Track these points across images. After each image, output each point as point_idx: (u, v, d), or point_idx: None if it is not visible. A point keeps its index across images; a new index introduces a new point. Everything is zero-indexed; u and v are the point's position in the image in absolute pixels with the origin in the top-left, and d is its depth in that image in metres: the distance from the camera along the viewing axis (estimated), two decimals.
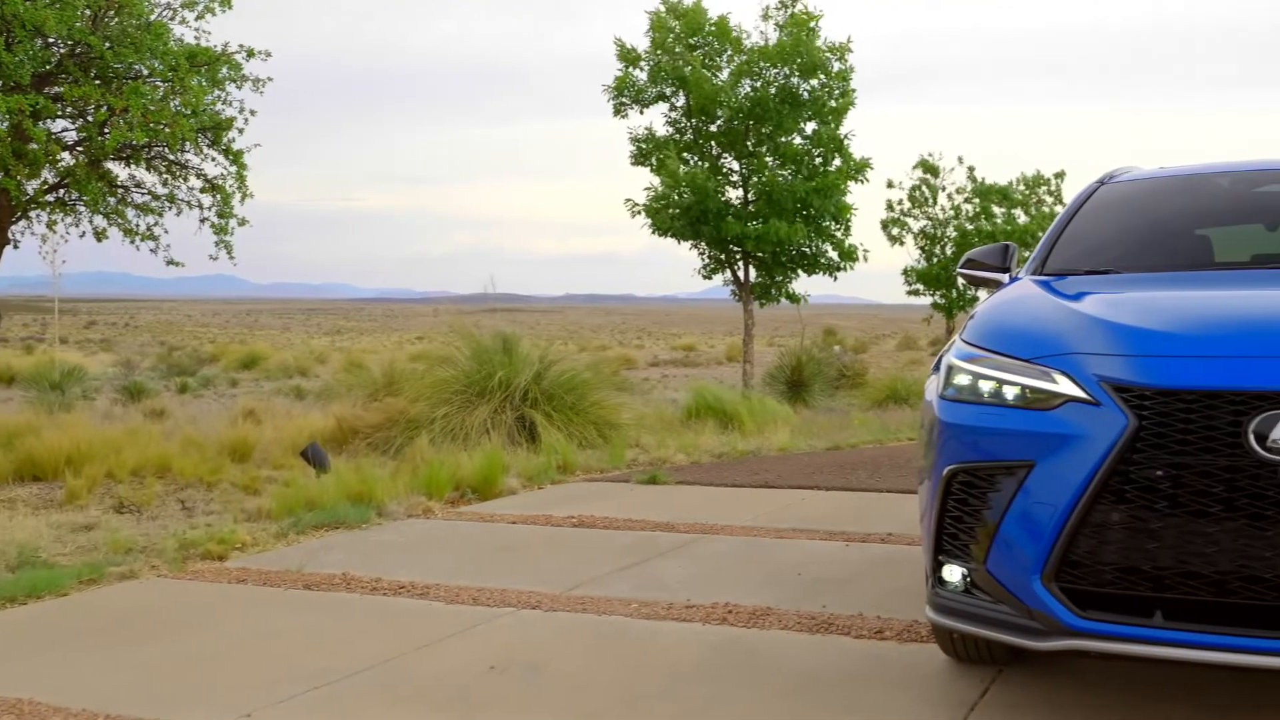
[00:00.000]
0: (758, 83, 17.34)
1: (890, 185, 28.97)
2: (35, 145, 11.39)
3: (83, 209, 13.03)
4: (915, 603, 4.75)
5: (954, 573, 3.55)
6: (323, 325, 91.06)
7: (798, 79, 17.34)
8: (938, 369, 3.87)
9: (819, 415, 14.72)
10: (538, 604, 5.21)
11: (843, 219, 17.65)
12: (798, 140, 17.72)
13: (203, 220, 13.38)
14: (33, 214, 12.98)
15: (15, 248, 13.12)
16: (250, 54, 13.01)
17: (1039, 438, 3.28)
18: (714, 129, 17.88)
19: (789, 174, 17.48)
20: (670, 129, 18.14)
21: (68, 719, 3.82)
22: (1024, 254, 5.10)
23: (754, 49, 17.57)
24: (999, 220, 27.96)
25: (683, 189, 17.13)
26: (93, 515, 7.66)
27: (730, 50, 17.81)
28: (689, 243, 17.94)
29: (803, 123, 17.60)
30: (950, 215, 28.60)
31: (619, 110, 18.04)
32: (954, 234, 28.15)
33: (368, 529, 7.14)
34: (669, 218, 17.41)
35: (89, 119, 12.20)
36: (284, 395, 19.10)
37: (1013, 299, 4.16)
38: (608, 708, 3.87)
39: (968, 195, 28.58)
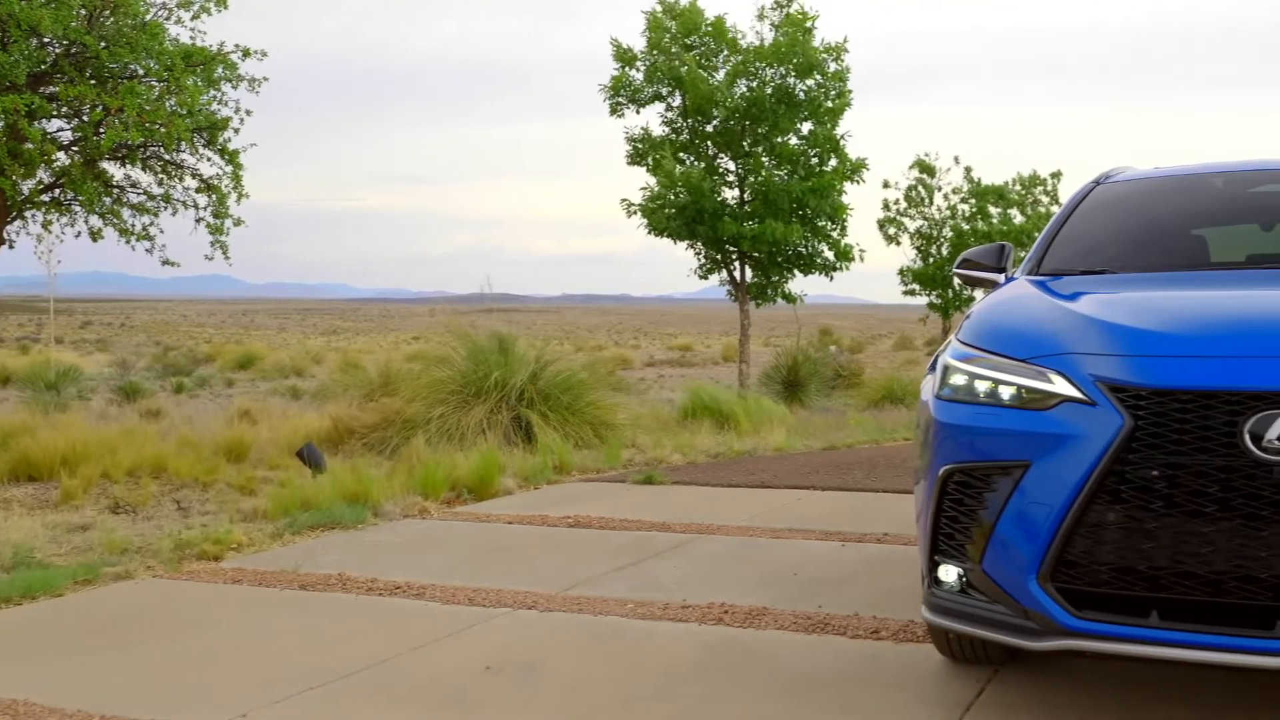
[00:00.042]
0: (754, 83, 17.35)
1: (886, 185, 29.01)
2: (31, 145, 11.38)
3: (78, 209, 13.03)
4: (911, 603, 4.75)
5: (950, 573, 3.55)
6: (319, 325, 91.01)
7: (794, 79, 17.35)
8: (934, 369, 3.86)
9: (815, 415, 14.73)
10: (534, 604, 5.20)
11: (839, 219, 17.66)
12: (794, 140, 17.73)
13: (198, 220, 13.40)
14: (28, 214, 12.97)
15: (11, 248, 13.12)
16: (246, 54, 13.01)
17: (1035, 438, 3.28)
18: (710, 129, 17.89)
19: (785, 174, 17.49)
20: (666, 129, 18.16)
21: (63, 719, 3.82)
22: (1020, 254, 5.10)
23: (750, 49, 17.57)
24: (995, 220, 27.99)
25: (678, 189, 17.14)
26: (88, 515, 7.65)
27: (726, 50, 17.82)
28: (685, 243, 17.95)
29: (799, 123, 17.61)
30: (946, 215, 28.62)
31: (615, 110, 18.05)
32: (950, 234, 28.18)
33: (363, 529, 7.14)
34: (665, 218, 17.41)
35: (84, 119, 12.19)
36: (280, 395, 19.10)
37: (1008, 299, 4.16)
38: (603, 708, 3.87)
39: (964, 195, 28.61)
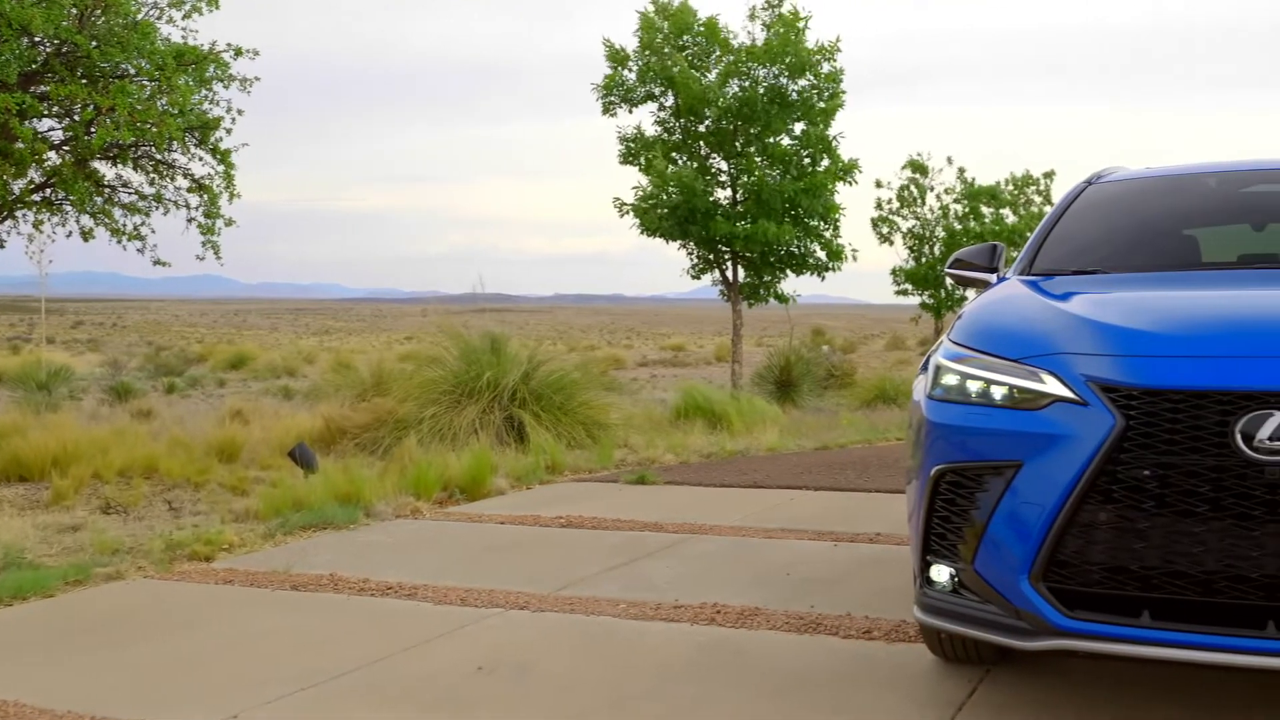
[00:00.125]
0: (746, 83, 17.35)
1: (879, 185, 29.04)
2: (21, 144, 11.34)
3: (69, 208, 12.98)
4: (903, 603, 4.75)
5: (942, 573, 3.55)
6: (311, 325, 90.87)
7: (786, 79, 17.35)
8: (926, 369, 3.87)
9: (807, 415, 14.74)
10: (526, 604, 5.20)
11: (831, 219, 17.67)
12: (786, 141, 17.73)
13: (190, 220, 13.34)
14: (19, 214, 12.92)
15: (2, 247, 13.08)
16: (238, 53, 12.97)
17: (1027, 438, 3.28)
18: (702, 129, 17.89)
19: (777, 174, 17.49)
20: (659, 129, 18.15)
21: None
22: (1012, 254, 5.10)
23: (741, 49, 17.58)
24: (987, 220, 28.02)
25: (670, 189, 17.13)
26: (79, 516, 7.63)
27: (718, 50, 17.82)
28: (678, 243, 17.95)
29: (791, 123, 17.62)
30: (939, 215, 28.66)
31: (608, 109, 18.05)
32: (942, 234, 28.21)
33: (355, 529, 7.13)
34: (657, 217, 17.41)
35: (75, 118, 12.15)
36: (272, 395, 19.07)
37: (1000, 299, 4.16)
38: (595, 708, 3.87)
39: (957, 196, 28.64)
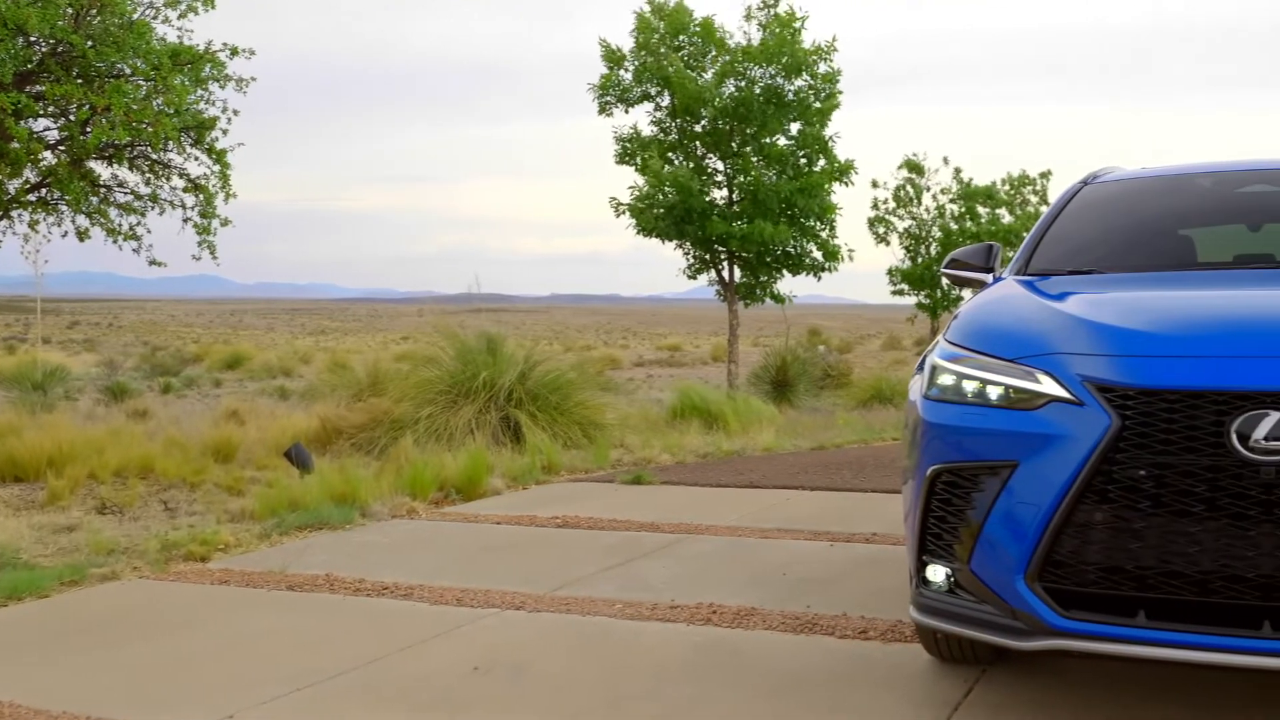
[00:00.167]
0: (742, 83, 17.35)
1: (875, 185, 29.04)
2: (17, 144, 11.32)
3: (65, 208, 12.97)
4: (899, 603, 4.75)
5: (938, 573, 3.55)
6: (307, 325, 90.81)
7: (782, 79, 17.35)
8: (922, 369, 3.87)
9: (804, 415, 14.73)
10: (522, 604, 5.20)
11: (827, 219, 17.68)
12: (782, 141, 17.74)
13: (185, 220, 13.33)
14: (14, 213, 12.91)
15: None
16: (234, 52, 12.95)
17: (1022, 438, 3.29)
18: (698, 129, 17.89)
19: (774, 174, 17.50)
20: (655, 129, 18.16)
21: None
22: (1008, 254, 5.10)
23: (738, 49, 17.58)
24: (983, 220, 28.03)
25: (667, 189, 17.13)
26: (74, 516, 7.62)
27: (714, 50, 17.82)
28: (674, 243, 17.95)
29: (787, 123, 17.62)
30: (935, 215, 28.66)
31: (604, 109, 18.05)
32: (939, 234, 28.22)
33: (351, 530, 7.12)
34: (653, 217, 17.41)
35: (71, 118, 12.13)
36: (268, 395, 19.05)
37: (996, 299, 4.16)
38: (591, 708, 3.86)
39: (953, 196, 28.65)
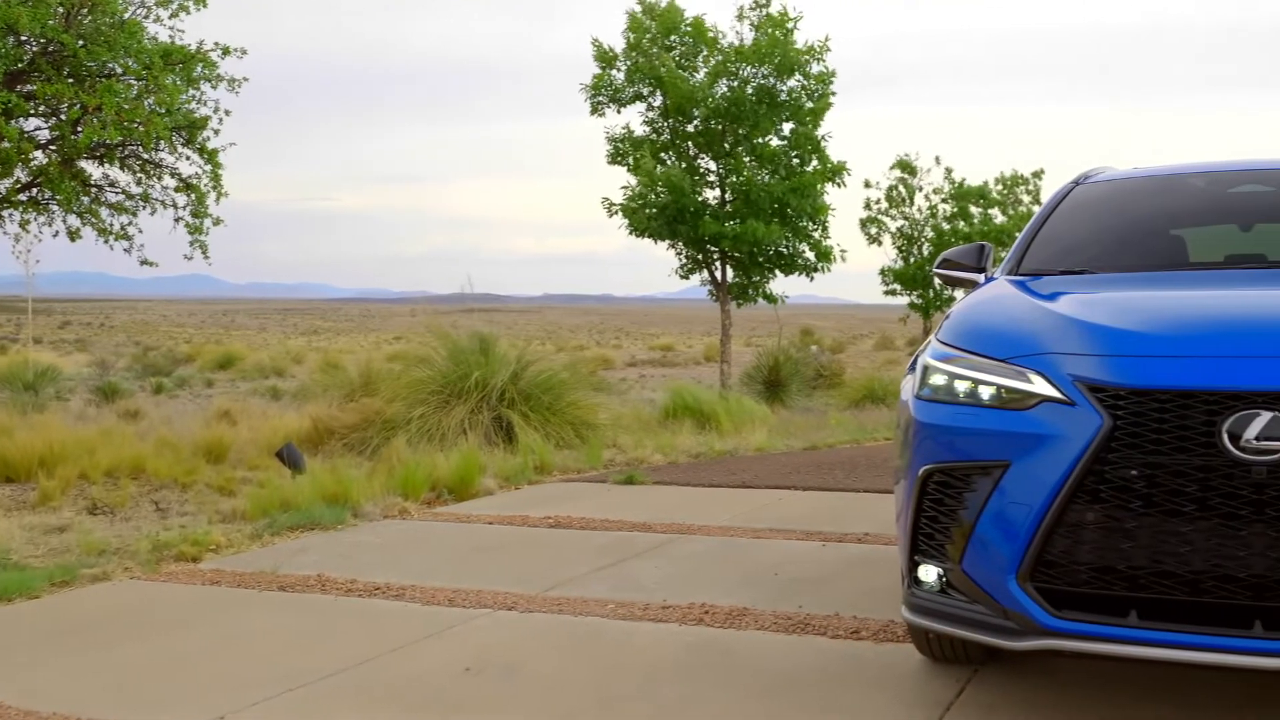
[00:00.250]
0: (734, 83, 17.35)
1: (868, 185, 29.05)
2: (8, 144, 11.30)
3: (56, 208, 12.95)
4: (891, 603, 4.75)
5: (930, 573, 3.55)
6: (299, 325, 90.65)
7: (774, 80, 17.36)
8: (914, 369, 3.87)
9: (796, 415, 14.75)
10: (514, 605, 5.19)
11: (819, 219, 17.69)
12: (775, 141, 17.75)
13: (177, 220, 13.33)
14: (5, 213, 12.88)
15: None
16: (226, 52, 12.94)
17: (1014, 438, 3.29)
18: (691, 129, 17.89)
19: (766, 175, 17.50)
20: (647, 129, 18.15)
21: None
22: (1000, 254, 5.10)
23: (730, 49, 17.58)
24: (976, 221, 28.06)
25: (659, 189, 17.13)
26: (65, 517, 7.60)
27: (706, 50, 17.81)
28: (666, 243, 17.95)
29: (780, 123, 17.62)
30: (927, 216, 28.68)
31: (596, 109, 18.04)
32: (931, 234, 28.24)
33: (343, 530, 7.11)
34: (646, 217, 17.40)
35: (62, 117, 12.11)
36: (260, 396, 19.01)
37: (988, 299, 4.16)
38: (583, 708, 3.86)
39: (945, 196, 28.67)
